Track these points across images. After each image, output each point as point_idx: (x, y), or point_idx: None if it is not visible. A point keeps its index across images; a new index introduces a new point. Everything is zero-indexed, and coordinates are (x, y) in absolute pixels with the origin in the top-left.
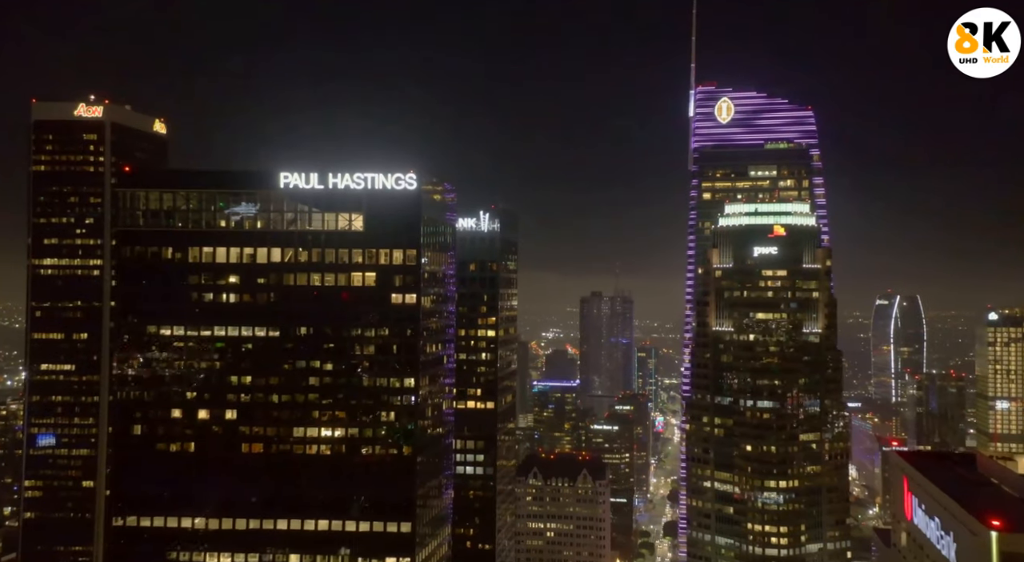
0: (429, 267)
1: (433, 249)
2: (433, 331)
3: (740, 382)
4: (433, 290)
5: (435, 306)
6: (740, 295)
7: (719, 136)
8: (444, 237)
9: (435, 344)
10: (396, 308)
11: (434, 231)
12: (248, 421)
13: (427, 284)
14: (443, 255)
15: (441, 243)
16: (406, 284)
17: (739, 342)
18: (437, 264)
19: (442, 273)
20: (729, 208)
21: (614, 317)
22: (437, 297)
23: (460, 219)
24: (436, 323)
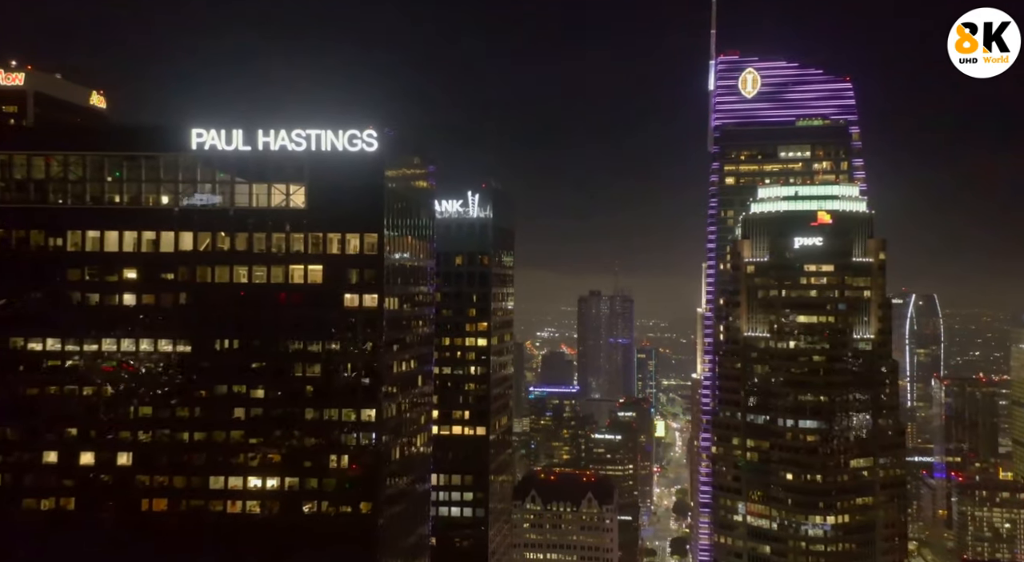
0: (398, 258)
1: (404, 234)
2: (404, 343)
3: (778, 398)
4: (404, 288)
5: (406, 309)
6: (778, 294)
7: (743, 112)
8: (419, 219)
9: (406, 359)
10: (352, 313)
11: (405, 210)
12: (148, 468)
13: (395, 280)
14: (419, 243)
15: (415, 227)
16: (365, 281)
17: (776, 350)
18: (409, 254)
19: (417, 267)
20: (763, 191)
21: (613, 317)
22: (409, 297)
23: (443, 201)
24: (408, 331)
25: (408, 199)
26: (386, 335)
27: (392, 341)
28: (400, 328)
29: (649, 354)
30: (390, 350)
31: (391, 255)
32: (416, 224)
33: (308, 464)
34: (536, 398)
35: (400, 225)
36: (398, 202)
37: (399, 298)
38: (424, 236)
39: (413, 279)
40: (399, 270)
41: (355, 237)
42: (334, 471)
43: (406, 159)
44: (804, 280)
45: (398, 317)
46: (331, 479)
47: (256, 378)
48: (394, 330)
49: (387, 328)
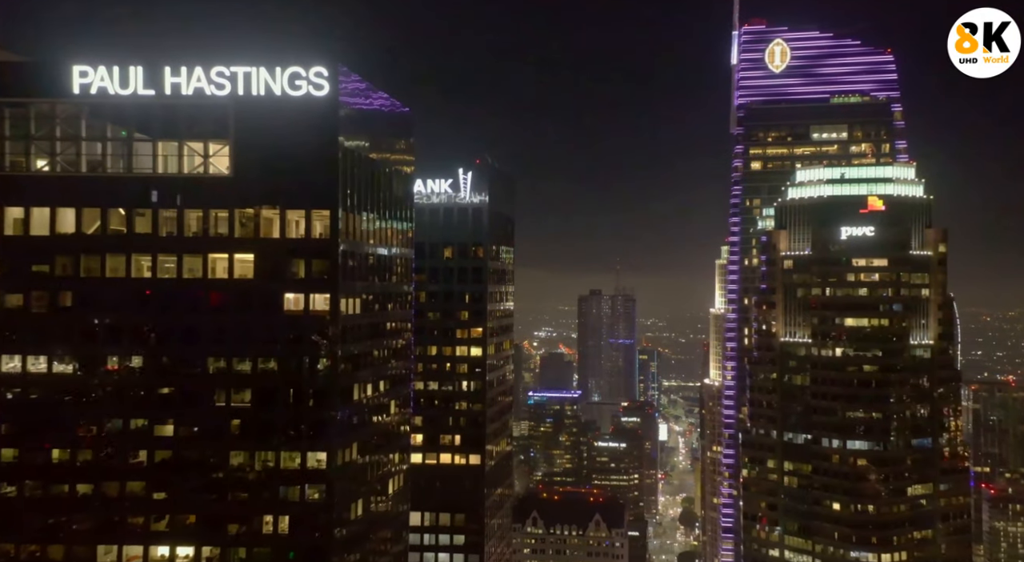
0: (360, 245)
1: (369, 214)
2: (368, 358)
3: (822, 414)
4: (369, 286)
5: (373, 313)
6: (821, 293)
7: (771, 89)
8: (391, 194)
9: (372, 381)
10: (295, 319)
11: (371, 180)
12: (10, 534)
13: (356, 275)
14: (390, 226)
15: (386, 204)
16: (314, 275)
17: (819, 358)
18: (377, 241)
19: (388, 257)
20: (803, 174)
21: (615, 317)
22: (377, 298)
23: (429, 180)
24: (375, 343)
25: (376, 167)
26: (343, 349)
27: (351, 357)
28: (363, 339)
29: (651, 355)
30: (348, 369)
31: (350, 241)
32: (387, 200)
33: (234, 528)
34: (536, 403)
35: (364, 201)
36: (361, 169)
37: (362, 299)
38: (398, 217)
39: (383, 274)
40: (362, 261)
41: (299, 215)
42: (270, 538)
43: (373, 112)
44: (852, 276)
45: (361, 324)
46: (265, 548)
47: (163, 409)
48: (355, 342)
49: (344, 339)
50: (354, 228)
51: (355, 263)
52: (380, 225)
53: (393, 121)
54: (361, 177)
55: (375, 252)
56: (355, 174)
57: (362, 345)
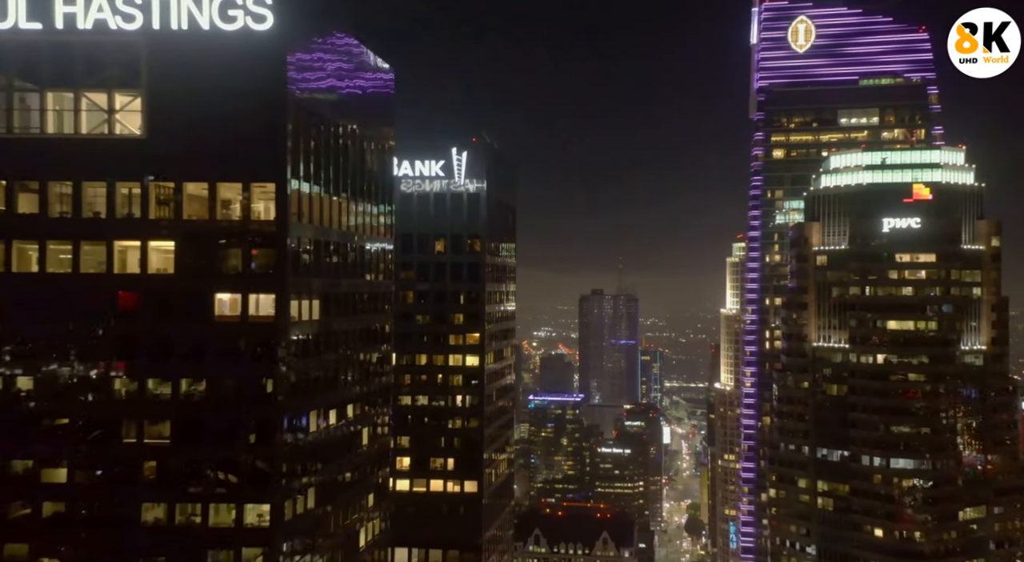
0: (320, 231)
1: (331, 191)
2: (331, 378)
3: (861, 428)
4: (332, 284)
5: (338, 319)
6: (860, 293)
7: (794, 70)
8: (364, 167)
9: (337, 406)
10: (230, 328)
11: (334, 148)
12: None
13: (312, 271)
14: (364, 209)
15: (358, 179)
16: (255, 270)
17: (858, 366)
18: (346, 227)
19: (359, 249)
20: (838, 159)
21: (617, 317)
22: (343, 300)
23: (417, 162)
24: (341, 357)
25: (340, 129)
26: (296, 366)
27: (308, 376)
28: (324, 351)
29: (653, 356)
30: (303, 392)
31: (306, 225)
32: (358, 176)
33: None
34: (536, 407)
35: (325, 174)
36: (321, 132)
37: (322, 300)
38: (375, 197)
39: (352, 269)
40: (323, 253)
41: (235, 191)
42: None
43: (339, 61)
44: (895, 274)
45: (321, 333)
46: None
47: (54, 446)
48: (312, 356)
49: (298, 353)
50: (311, 209)
51: (313, 254)
52: (349, 207)
53: (369, 78)
54: (321, 143)
55: (341, 241)
56: (313, 138)
57: (322, 360)
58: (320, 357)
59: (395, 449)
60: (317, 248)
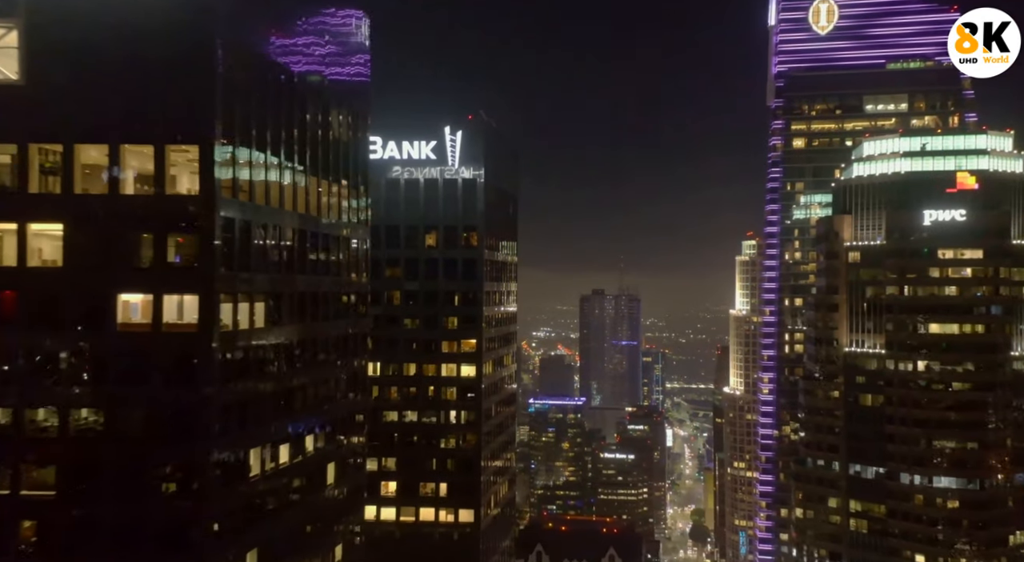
0: (265, 212)
1: (285, 161)
2: (284, 402)
3: (900, 443)
4: (283, 281)
5: (293, 327)
6: (898, 293)
7: (816, 54)
8: (329, 136)
9: (292, 438)
10: (137, 340)
11: (284, 106)
12: None
13: (255, 261)
14: (329, 187)
15: (319, 149)
16: (174, 262)
17: (897, 373)
18: (304, 209)
19: (326, 238)
20: (872, 146)
21: (618, 318)
22: (300, 300)
23: (405, 144)
24: (299, 375)
25: (296, 83)
26: (230, 390)
27: (247, 403)
28: (273, 370)
29: (655, 357)
30: (240, 424)
31: (245, 204)
32: (319, 143)
33: None
34: (537, 411)
35: (271, 138)
36: (265, 81)
37: (269, 302)
38: (340, 174)
39: (312, 262)
40: (271, 240)
41: (145, 156)
42: None
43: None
44: (938, 272)
45: (268, 346)
46: None
47: None
48: (254, 375)
49: (232, 372)
50: (253, 184)
51: (256, 243)
52: (310, 184)
53: (337, 20)
54: (269, 97)
55: (298, 227)
56: (256, 89)
57: (269, 379)
58: (266, 376)
59: (379, 472)
60: (262, 235)
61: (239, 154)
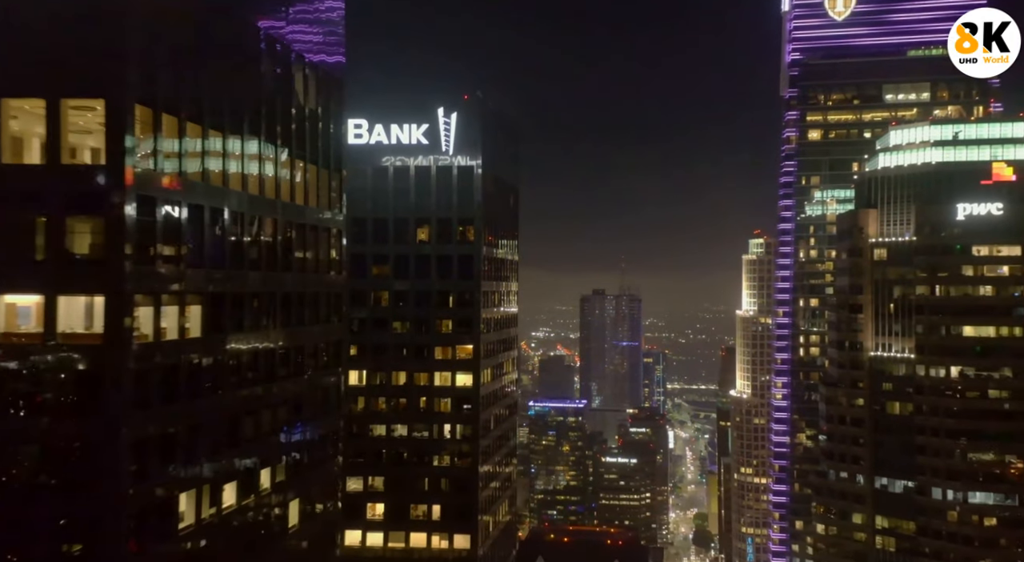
0: (201, 192)
1: (225, 125)
2: (219, 440)
3: (932, 455)
4: (228, 278)
5: (242, 336)
6: (929, 293)
7: (832, 41)
8: (291, 101)
9: (241, 474)
10: (22, 357)
11: (223, 51)
12: None
13: (185, 258)
14: (292, 162)
15: (278, 114)
16: (74, 254)
17: (928, 380)
18: (254, 188)
19: (288, 226)
20: (899, 135)
21: (619, 318)
22: (249, 302)
23: (394, 127)
24: (250, 400)
25: (243, 35)
26: (152, 418)
27: (178, 434)
28: (212, 391)
29: (656, 358)
30: (166, 462)
31: (171, 177)
32: (276, 110)
33: None
34: (537, 414)
35: (208, 97)
36: (201, 29)
37: (207, 305)
38: (305, 149)
39: (268, 256)
40: (209, 228)
41: (32, 112)
42: None
43: None
44: (972, 270)
45: (207, 361)
46: None
47: None
48: (185, 398)
49: (154, 396)
50: (184, 154)
51: (189, 230)
52: (264, 159)
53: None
54: (206, 52)
55: (248, 212)
56: (188, 42)
57: (208, 404)
58: (203, 399)
59: (365, 493)
60: (199, 220)
61: (162, 114)
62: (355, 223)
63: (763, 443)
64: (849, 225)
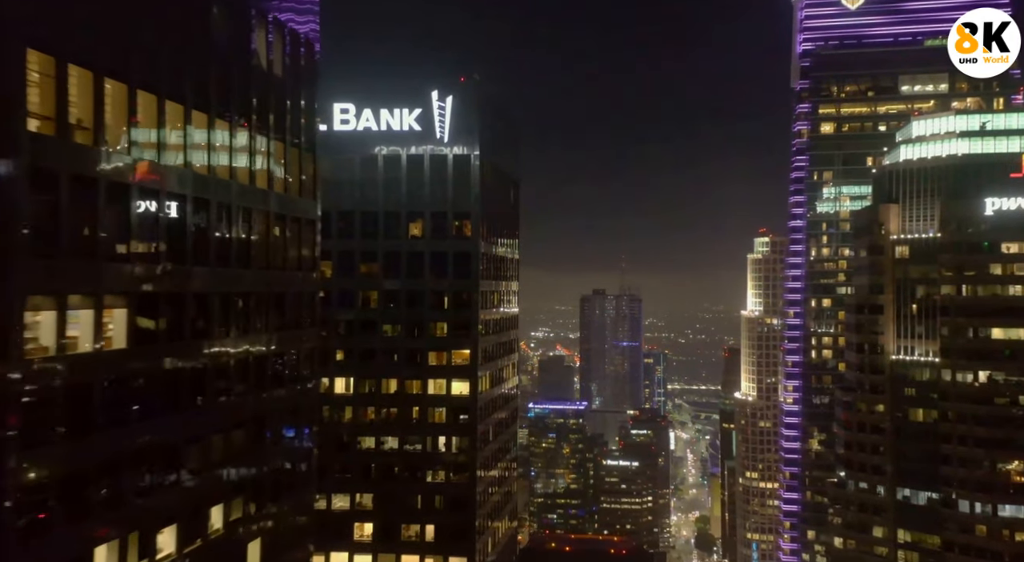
0: (124, 168)
1: (157, 84)
2: (147, 479)
3: (959, 464)
4: (175, 277)
5: (184, 346)
6: (955, 293)
7: (846, 30)
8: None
9: (180, 521)
10: None
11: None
12: None
13: (101, 248)
14: (250, 135)
15: (236, 75)
16: None
17: (955, 385)
18: (203, 164)
19: (246, 211)
20: (921, 125)
21: (619, 318)
22: (209, 310)
23: (384, 112)
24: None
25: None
26: (40, 459)
27: (96, 470)
28: (140, 416)
29: (656, 358)
30: (78, 507)
31: (75, 145)
32: (224, 67)
33: None
34: (536, 416)
35: (129, 49)
36: None
37: (135, 308)
38: (265, 118)
39: (219, 250)
40: (135, 212)
41: None
42: None
43: None
44: (1001, 268)
45: (138, 384)
46: None
47: None
48: (103, 428)
49: (53, 435)
50: (100, 114)
51: (102, 211)
52: (215, 128)
53: None
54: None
55: (192, 191)
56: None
57: (137, 432)
58: (130, 427)
59: (353, 512)
60: (120, 200)
61: (76, 72)
62: (342, 217)
63: (769, 447)
64: (868, 221)
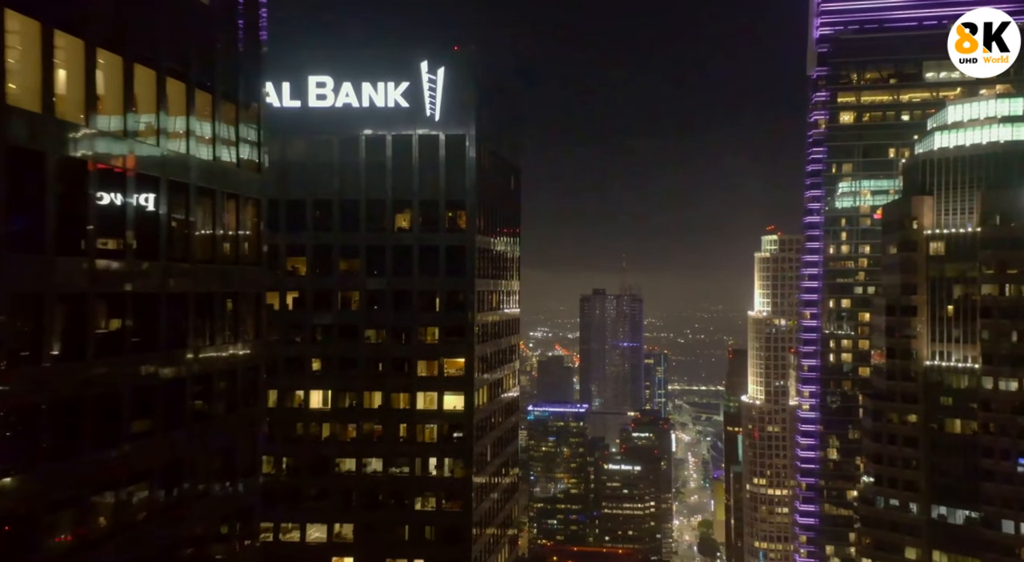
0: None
1: (44, 16)
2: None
3: (1002, 480)
4: (59, 271)
5: (61, 367)
6: (996, 293)
7: (866, 14)
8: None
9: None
10: None
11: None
12: None
13: None
14: (158, 88)
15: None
16: None
17: (997, 394)
18: (88, 120)
19: (155, 183)
20: (958, 111)
21: (620, 318)
22: (96, 315)
23: (366, 86)
24: (93, 471)
25: None
26: None
27: None
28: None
29: (657, 359)
30: None
31: None
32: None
33: None
34: (536, 419)
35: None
36: None
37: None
38: (186, 64)
39: (116, 237)
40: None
41: None
42: None
43: None
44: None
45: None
46: None
47: None
48: None
49: None
50: None
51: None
52: (93, 57)
53: None
54: None
55: (78, 152)
56: None
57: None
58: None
59: (330, 544)
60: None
61: None
62: (318, 206)
63: (779, 452)
64: (899, 215)
